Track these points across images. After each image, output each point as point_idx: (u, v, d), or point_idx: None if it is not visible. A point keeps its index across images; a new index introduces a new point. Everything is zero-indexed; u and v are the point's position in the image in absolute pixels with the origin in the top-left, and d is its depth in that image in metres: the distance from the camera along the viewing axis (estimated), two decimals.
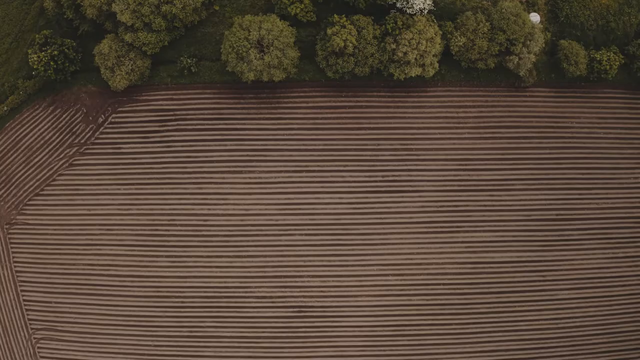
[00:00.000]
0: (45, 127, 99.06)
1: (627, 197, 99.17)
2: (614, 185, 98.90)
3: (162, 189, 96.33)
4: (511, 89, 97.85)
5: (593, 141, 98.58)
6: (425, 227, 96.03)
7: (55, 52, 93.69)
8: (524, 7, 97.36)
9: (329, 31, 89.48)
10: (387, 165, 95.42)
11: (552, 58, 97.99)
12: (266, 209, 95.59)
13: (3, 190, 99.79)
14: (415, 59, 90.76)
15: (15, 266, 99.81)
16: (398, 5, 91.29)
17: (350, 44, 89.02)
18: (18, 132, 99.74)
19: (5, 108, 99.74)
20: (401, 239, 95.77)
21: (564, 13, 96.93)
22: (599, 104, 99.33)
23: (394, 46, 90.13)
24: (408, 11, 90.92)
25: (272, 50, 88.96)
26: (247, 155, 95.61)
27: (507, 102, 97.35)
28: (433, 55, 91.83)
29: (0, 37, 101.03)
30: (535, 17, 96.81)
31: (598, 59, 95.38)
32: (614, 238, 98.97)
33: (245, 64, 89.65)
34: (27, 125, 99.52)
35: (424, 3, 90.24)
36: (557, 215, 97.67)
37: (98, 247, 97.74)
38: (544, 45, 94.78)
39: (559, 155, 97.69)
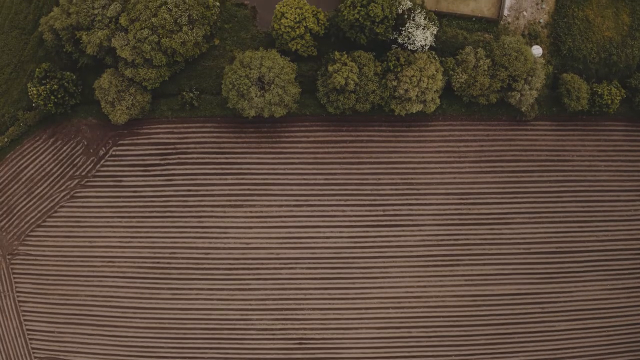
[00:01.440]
0: (46, 158, 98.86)
1: (627, 229, 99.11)
2: (614, 218, 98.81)
3: (163, 222, 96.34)
4: (512, 122, 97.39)
5: (594, 174, 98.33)
6: (425, 261, 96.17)
7: (55, 87, 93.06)
8: (526, 40, 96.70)
9: (330, 68, 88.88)
10: (388, 200, 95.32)
11: (553, 91, 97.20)
12: (267, 243, 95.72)
13: (5, 221, 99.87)
14: (417, 95, 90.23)
15: (17, 296, 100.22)
16: (399, 40, 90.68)
17: (352, 81, 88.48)
18: (19, 164, 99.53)
19: (6, 139, 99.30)
20: (401, 272, 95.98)
21: (566, 46, 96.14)
22: (600, 137, 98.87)
23: (395, 83, 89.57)
24: (409, 47, 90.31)
25: (273, 88, 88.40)
26: (248, 189, 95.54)
27: (508, 135, 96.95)
28: (434, 92, 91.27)
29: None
30: (537, 50, 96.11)
31: (599, 93, 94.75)
32: (613, 270, 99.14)
33: (246, 101, 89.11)
34: (27, 157, 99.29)
35: (425, 40, 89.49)
36: (556, 248, 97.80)
37: (100, 278, 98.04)
38: (545, 80, 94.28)
39: (560, 189, 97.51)
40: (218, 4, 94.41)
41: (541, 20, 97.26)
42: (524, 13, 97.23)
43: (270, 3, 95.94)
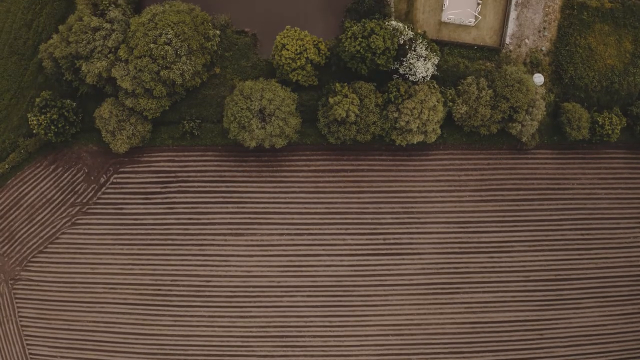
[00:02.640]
0: (47, 185, 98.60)
1: (626, 256, 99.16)
2: (613, 245, 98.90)
3: (164, 249, 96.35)
4: (513, 151, 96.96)
5: (594, 202, 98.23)
6: (425, 289, 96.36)
7: (55, 116, 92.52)
8: (527, 68, 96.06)
9: (330, 100, 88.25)
10: (388, 228, 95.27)
11: (554, 120, 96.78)
12: (268, 271, 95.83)
13: (7, 247, 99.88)
14: (418, 127, 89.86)
15: (20, 320, 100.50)
16: (401, 71, 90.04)
17: (353, 113, 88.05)
18: (20, 190, 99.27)
19: (7, 166, 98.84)
20: (401, 300, 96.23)
21: (568, 75, 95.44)
22: (601, 165, 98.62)
23: (396, 115, 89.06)
24: (410, 78, 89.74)
25: (274, 120, 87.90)
26: (249, 218, 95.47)
27: (509, 164, 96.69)
28: (435, 123, 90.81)
29: None
30: (539, 78, 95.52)
31: (600, 122, 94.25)
32: (611, 296, 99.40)
33: (247, 132, 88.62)
34: (28, 183, 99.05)
35: (426, 71, 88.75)
36: (555, 275, 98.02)
37: (101, 304, 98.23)
38: (546, 110, 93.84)
39: (559, 217, 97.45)
40: (218, 32, 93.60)
41: (543, 48, 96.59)
42: (526, 41, 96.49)
43: (271, 30, 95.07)
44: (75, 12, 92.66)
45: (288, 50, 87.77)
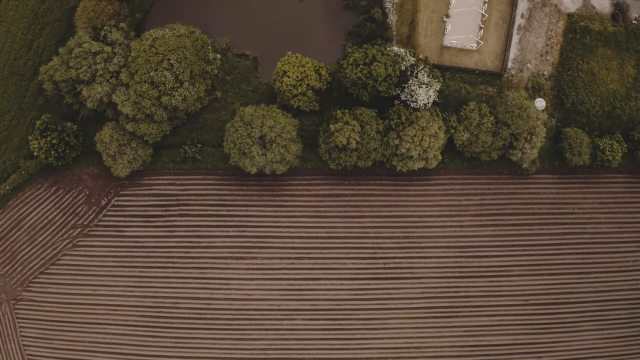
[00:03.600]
0: (48, 207, 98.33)
1: (625, 280, 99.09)
2: (612, 269, 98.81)
3: (165, 272, 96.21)
4: (514, 175, 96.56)
5: (593, 226, 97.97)
6: (425, 312, 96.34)
7: (55, 141, 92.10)
8: (529, 92, 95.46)
9: (332, 127, 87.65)
10: (388, 253, 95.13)
11: (556, 145, 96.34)
12: (268, 294, 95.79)
13: (8, 267, 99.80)
14: (419, 154, 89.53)
15: (22, 340, 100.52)
16: (402, 97, 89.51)
17: (354, 140, 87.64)
18: (21, 211, 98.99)
19: (8, 187, 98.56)
20: (401, 323, 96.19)
21: (570, 100, 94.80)
22: (602, 189, 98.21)
23: (397, 142, 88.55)
24: (412, 105, 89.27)
25: (275, 147, 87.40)
26: (250, 242, 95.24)
27: (510, 189, 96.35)
28: (436, 149, 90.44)
29: None
30: (540, 103, 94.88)
31: (601, 148, 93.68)
32: (610, 319, 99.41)
33: (247, 159, 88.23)
34: (29, 204, 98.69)
35: (428, 98, 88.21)
36: (554, 299, 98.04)
37: (103, 325, 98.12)
38: (547, 135, 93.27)
39: (559, 241, 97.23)
40: (219, 56, 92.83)
41: (545, 73, 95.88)
42: (528, 65, 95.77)
43: (272, 52, 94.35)
44: (76, 35, 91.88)
45: (289, 77, 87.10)
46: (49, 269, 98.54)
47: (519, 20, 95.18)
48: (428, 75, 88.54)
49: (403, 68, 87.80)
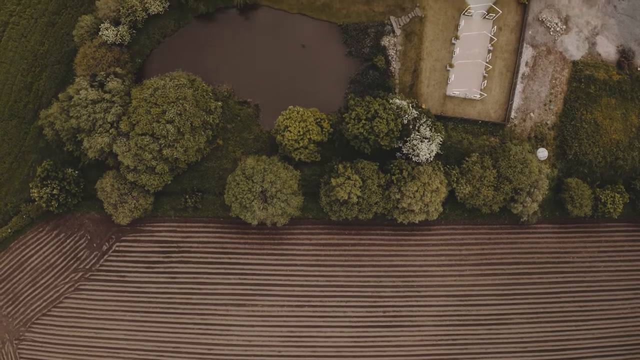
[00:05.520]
0: (50, 250, 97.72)
1: (622, 326, 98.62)
2: (610, 316, 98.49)
3: (167, 317, 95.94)
4: (515, 225, 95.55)
5: (593, 274, 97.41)
6: None
7: (56, 191, 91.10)
8: (532, 142, 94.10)
9: (333, 181, 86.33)
10: (388, 301, 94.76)
11: (557, 195, 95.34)
12: (269, 341, 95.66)
13: (11, 308, 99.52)
14: (420, 208, 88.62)
15: None
16: (404, 150, 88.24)
17: (355, 195, 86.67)
18: (23, 253, 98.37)
19: (9, 230, 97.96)
20: None
21: (572, 151, 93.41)
22: (602, 238, 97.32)
23: (398, 196, 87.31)
24: (414, 159, 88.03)
25: (276, 202, 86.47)
26: (251, 289, 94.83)
27: (510, 239, 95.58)
28: (437, 203, 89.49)
29: (0, 157, 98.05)
30: (542, 153, 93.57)
31: (603, 200, 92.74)
32: None
33: (248, 212, 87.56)
34: (31, 247, 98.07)
35: (430, 153, 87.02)
36: (552, 346, 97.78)
37: None
38: (547, 192, 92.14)
39: (558, 289, 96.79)
40: (220, 104, 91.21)
41: (548, 122, 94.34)
42: (531, 115, 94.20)
43: (274, 100, 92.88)
44: (75, 82, 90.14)
45: (291, 132, 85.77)
46: (52, 311, 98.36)
47: (523, 69, 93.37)
48: (430, 129, 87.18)
49: (405, 122, 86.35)
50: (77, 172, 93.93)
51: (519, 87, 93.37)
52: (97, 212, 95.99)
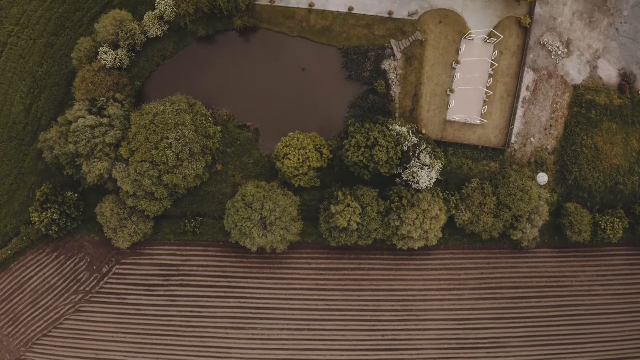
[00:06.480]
0: (50, 272, 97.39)
1: (619, 349, 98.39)
2: (608, 338, 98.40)
3: (167, 340, 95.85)
4: (514, 250, 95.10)
5: (591, 298, 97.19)
6: None
7: (56, 216, 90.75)
8: (532, 167, 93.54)
9: (332, 209, 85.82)
10: (387, 325, 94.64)
11: (556, 220, 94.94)
12: None
13: (12, 328, 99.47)
14: (420, 235, 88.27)
15: None
16: (404, 177, 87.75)
17: (354, 223, 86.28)
18: (23, 274, 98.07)
19: (9, 252, 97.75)
20: None
21: (573, 176, 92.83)
22: (601, 262, 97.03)
23: (398, 223, 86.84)
24: (414, 186, 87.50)
25: (275, 230, 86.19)
26: (250, 313, 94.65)
27: (509, 263, 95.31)
28: (437, 229, 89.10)
29: (0, 178, 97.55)
30: (542, 178, 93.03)
31: (603, 227, 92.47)
32: None
33: (248, 239, 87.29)
34: (31, 269, 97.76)
35: (430, 180, 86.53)
36: None
37: None
38: (549, 210, 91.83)
39: (557, 313, 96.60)
40: (220, 129, 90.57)
41: (548, 147, 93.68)
42: (532, 139, 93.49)
43: (274, 123, 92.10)
44: (74, 108, 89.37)
45: (290, 160, 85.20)
46: (52, 332, 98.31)
47: (524, 93, 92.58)
48: (430, 156, 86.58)
49: (405, 149, 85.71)
50: (76, 195, 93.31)
51: (519, 112, 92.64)
52: (97, 235, 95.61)
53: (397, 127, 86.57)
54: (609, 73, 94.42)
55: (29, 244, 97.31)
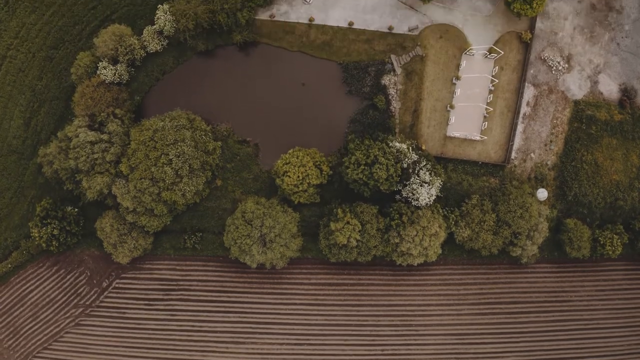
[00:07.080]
0: (50, 285, 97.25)
1: None
2: (607, 353, 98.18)
3: (167, 354, 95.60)
4: (513, 265, 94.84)
5: (590, 312, 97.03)
6: None
7: (56, 232, 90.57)
8: (532, 183, 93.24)
9: (332, 226, 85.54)
10: (387, 340, 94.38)
11: (556, 235, 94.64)
12: None
13: (12, 341, 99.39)
14: (419, 252, 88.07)
15: None
16: (403, 194, 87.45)
17: (354, 240, 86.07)
18: (23, 288, 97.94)
19: (9, 265, 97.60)
20: None
21: (572, 192, 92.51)
22: (600, 277, 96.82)
23: (397, 240, 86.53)
24: (413, 203, 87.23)
25: (275, 247, 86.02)
26: (250, 327, 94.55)
27: (508, 278, 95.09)
28: (437, 246, 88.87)
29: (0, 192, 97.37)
30: (542, 194, 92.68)
31: (602, 242, 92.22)
32: None
33: (248, 256, 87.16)
34: (31, 282, 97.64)
35: (429, 197, 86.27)
36: None
37: None
38: (548, 225, 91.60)
39: (555, 328, 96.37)
40: (219, 144, 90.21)
41: (548, 162, 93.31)
42: (532, 155, 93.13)
43: (274, 138, 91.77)
44: (73, 123, 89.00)
45: (290, 177, 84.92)
46: (52, 345, 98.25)
47: (524, 109, 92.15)
48: (430, 173, 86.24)
49: (405, 165, 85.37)
50: (76, 210, 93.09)
51: (519, 128, 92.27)
52: (97, 249, 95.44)
53: (397, 144, 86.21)
54: (609, 88, 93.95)
55: (29, 258, 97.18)
